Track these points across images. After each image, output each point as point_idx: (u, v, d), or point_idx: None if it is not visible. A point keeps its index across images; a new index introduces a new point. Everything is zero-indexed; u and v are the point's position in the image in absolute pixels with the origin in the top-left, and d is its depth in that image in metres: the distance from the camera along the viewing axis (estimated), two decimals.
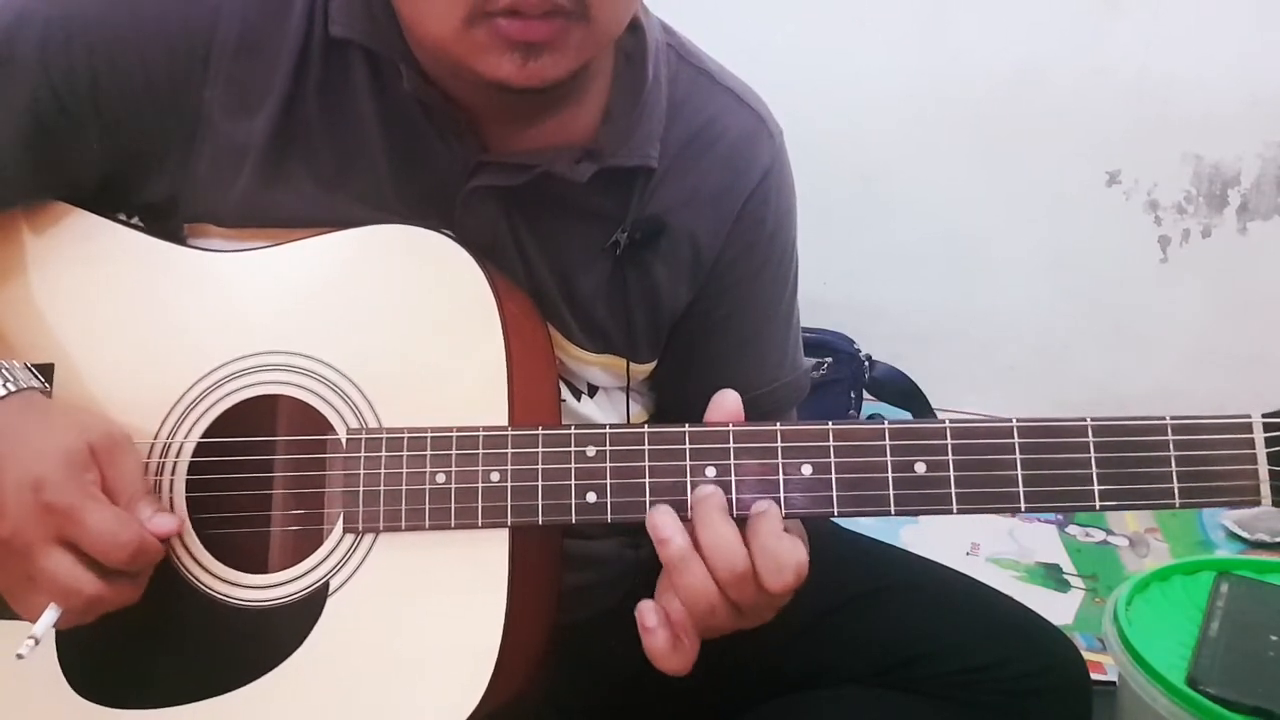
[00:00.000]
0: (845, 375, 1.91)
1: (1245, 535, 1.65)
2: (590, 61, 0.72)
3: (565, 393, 0.84)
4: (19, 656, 0.65)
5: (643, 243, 0.80)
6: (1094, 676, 0.90)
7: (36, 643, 0.66)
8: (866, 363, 1.93)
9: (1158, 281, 1.98)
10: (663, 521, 0.66)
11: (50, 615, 0.66)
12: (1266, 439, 0.63)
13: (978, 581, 0.96)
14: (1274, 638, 0.93)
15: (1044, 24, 1.91)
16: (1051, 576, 1.58)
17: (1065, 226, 1.99)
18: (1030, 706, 0.85)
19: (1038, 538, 1.68)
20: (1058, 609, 1.48)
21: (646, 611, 0.67)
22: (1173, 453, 0.64)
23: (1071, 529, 1.71)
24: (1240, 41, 1.84)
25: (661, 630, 0.67)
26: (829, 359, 1.88)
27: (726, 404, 0.70)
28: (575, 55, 0.69)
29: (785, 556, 0.65)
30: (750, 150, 0.85)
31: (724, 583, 0.65)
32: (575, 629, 0.85)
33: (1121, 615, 0.96)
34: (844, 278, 1.97)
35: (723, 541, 0.65)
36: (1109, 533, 1.70)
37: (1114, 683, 1.01)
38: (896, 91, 1.98)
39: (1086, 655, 0.93)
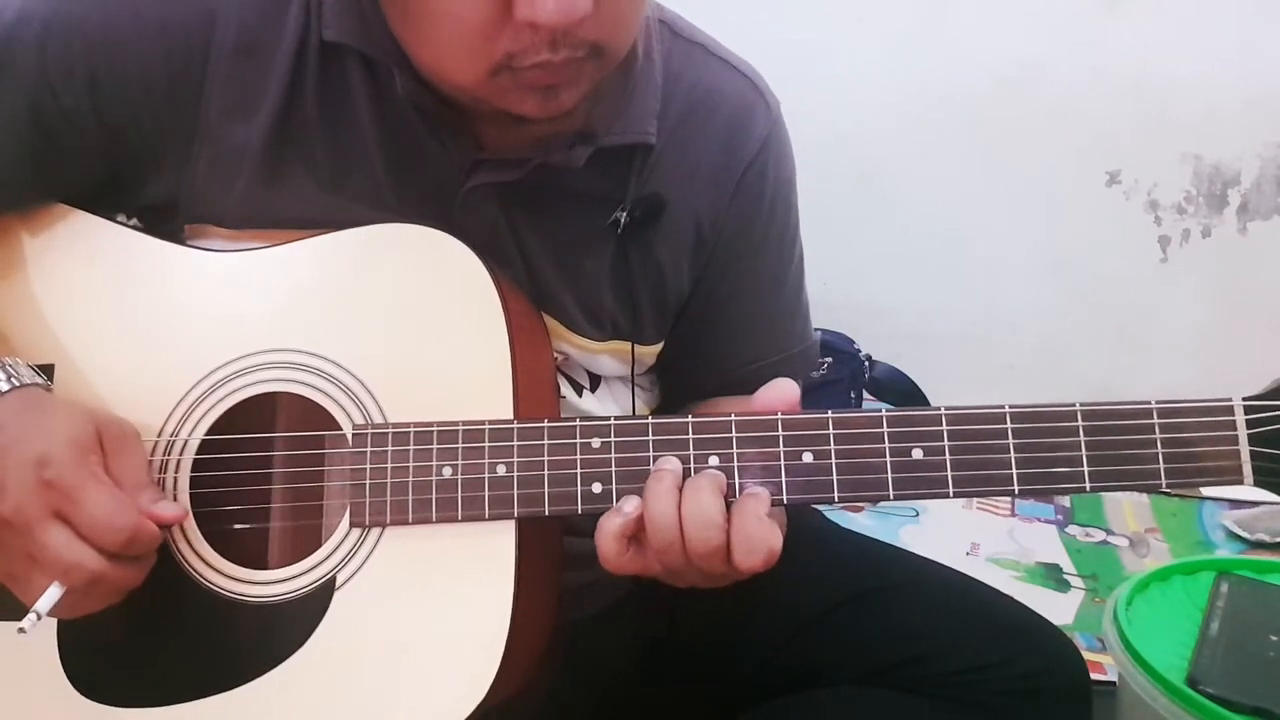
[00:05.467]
0: (845, 375, 1.91)
1: (1245, 535, 1.65)
2: None
3: (566, 388, 0.84)
4: (20, 631, 0.65)
5: (644, 221, 0.81)
6: (1094, 676, 0.90)
7: (39, 617, 0.66)
8: (866, 363, 1.93)
9: (1158, 281, 1.98)
10: (668, 458, 0.68)
11: (54, 592, 0.66)
12: (1247, 421, 0.66)
13: (978, 581, 0.96)
14: (1274, 638, 0.93)
15: (1044, 23, 1.91)
16: (1051, 576, 1.57)
17: (1065, 226, 1.99)
18: (1030, 706, 0.85)
19: (1038, 537, 1.68)
20: (1058, 609, 1.47)
21: (626, 499, 0.69)
22: (1158, 435, 0.66)
23: (1071, 529, 1.70)
24: (1240, 41, 1.85)
25: (621, 519, 0.68)
26: (829, 359, 1.87)
27: (781, 390, 0.70)
28: (589, 82, 0.71)
29: (759, 541, 0.66)
30: (747, 121, 0.85)
31: (695, 552, 0.67)
32: (576, 627, 0.85)
33: (1121, 615, 0.96)
34: (844, 278, 1.96)
35: (704, 510, 0.66)
36: (1109, 532, 1.70)
37: (1114, 683, 1.00)
38: (897, 91, 1.98)
39: (1086, 655, 0.92)
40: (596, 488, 0.69)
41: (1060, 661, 0.88)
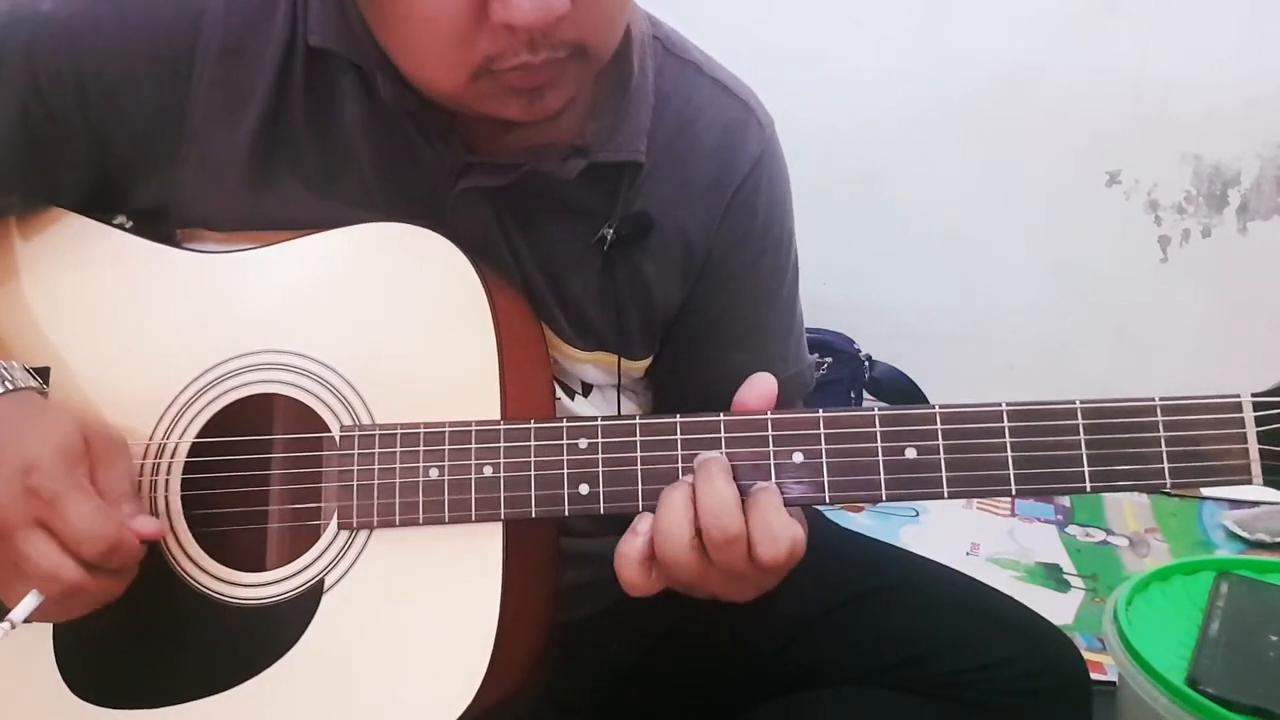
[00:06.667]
0: (845, 375, 1.91)
1: (1245, 535, 1.65)
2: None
3: (559, 392, 0.84)
4: None
5: (631, 239, 0.80)
6: (1094, 676, 0.90)
7: (12, 627, 0.65)
8: (866, 363, 1.94)
9: (1158, 281, 1.98)
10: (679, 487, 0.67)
11: (30, 601, 0.66)
12: (1257, 418, 0.63)
13: (977, 581, 0.96)
14: (1274, 638, 0.92)
15: (1044, 24, 1.91)
16: (1051, 576, 1.57)
17: (1065, 226, 1.99)
18: (1030, 706, 0.84)
19: (1038, 538, 1.68)
20: (1058, 609, 1.47)
21: (640, 517, 0.68)
22: (1162, 433, 0.64)
23: (1071, 529, 1.70)
24: (1240, 41, 1.85)
25: (642, 540, 0.67)
26: (829, 359, 1.88)
27: (761, 385, 0.69)
28: (574, 85, 0.70)
29: (781, 529, 0.65)
30: (739, 141, 0.84)
31: (713, 542, 0.65)
32: (574, 627, 0.85)
33: (1121, 615, 0.96)
34: (844, 278, 1.97)
35: (718, 500, 0.65)
36: (1109, 533, 1.70)
37: (1114, 683, 1.00)
38: (896, 92, 1.98)
39: (1086, 655, 0.92)
40: (584, 489, 0.68)
41: (1060, 661, 0.88)
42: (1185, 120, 1.91)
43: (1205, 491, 1.77)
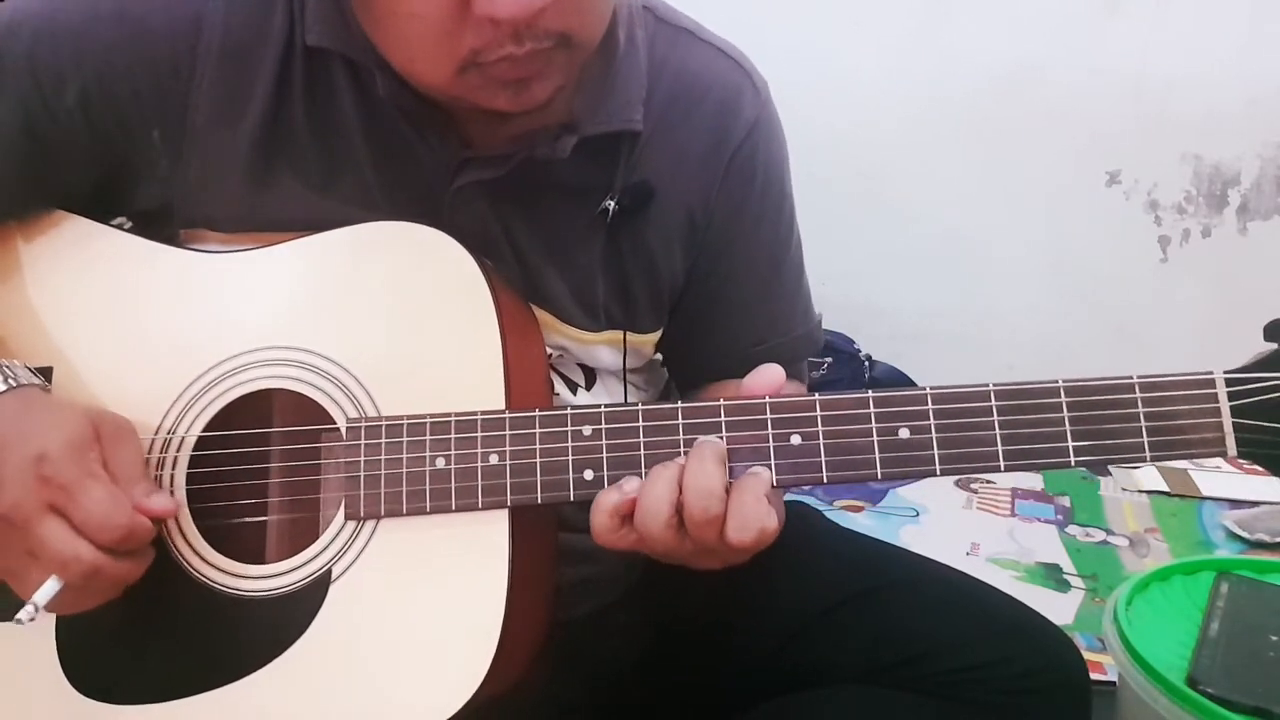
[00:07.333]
0: (845, 375, 1.91)
1: (1245, 535, 1.65)
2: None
3: (560, 386, 0.84)
4: (17, 621, 0.65)
5: (633, 209, 0.81)
6: (1094, 676, 0.90)
7: (37, 609, 0.66)
8: (866, 363, 1.94)
9: (1158, 281, 1.99)
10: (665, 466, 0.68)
11: (52, 585, 0.66)
12: (1229, 393, 0.67)
13: (978, 580, 0.96)
14: (1274, 638, 0.92)
15: (1044, 24, 1.91)
16: (1051, 576, 1.57)
17: (1065, 226, 1.99)
18: (1030, 706, 0.84)
19: (1038, 537, 1.68)
20: (1058, 609, 1.47)
21: (627, 479, 0.69)
22: (1141, 409, 0.67)
23: (1071, 529, 1.70)
24: (1240, 41, 1.85)
25: (619, 496, 0.68)
26: (829, 359, 1.88)
27: (768, 375, 0.71)
28: (562, 74, 0.70)
29: (753, 518, 0.66)
30: (735, 104, 0.84)
31: (693, 520, 0.67)
32: (574, 625, 0.85)
33: (1121, 615, 0.96)
34: (844, 278, 1.96)
35: (706, 480, 0.66)
36: (1109, 533, 1.70)
37: (1114, 683, 1.00)
38: (897, 92, 1.98)
39: (1086, 655, 0.92)
40: (588, 474, 0.70)
41: (1060, 661, 0.88)
42: (1185, 120, 1.91)
43: (1205, 491, 1.78)
